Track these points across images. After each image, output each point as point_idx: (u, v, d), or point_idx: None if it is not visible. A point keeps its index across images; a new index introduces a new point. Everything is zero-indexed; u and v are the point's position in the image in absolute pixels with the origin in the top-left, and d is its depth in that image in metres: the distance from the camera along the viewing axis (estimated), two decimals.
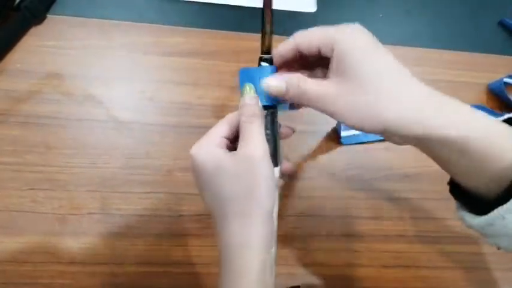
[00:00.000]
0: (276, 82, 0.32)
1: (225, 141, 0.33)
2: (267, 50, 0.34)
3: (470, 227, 0.29)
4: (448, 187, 0.32)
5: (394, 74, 0.28)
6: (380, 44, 0.29)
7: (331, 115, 0.29)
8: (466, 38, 0.24)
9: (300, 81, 0.30)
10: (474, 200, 0.29)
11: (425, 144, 0.28)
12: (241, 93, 0.33)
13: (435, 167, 0.30)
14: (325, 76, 0.31)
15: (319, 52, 0.30)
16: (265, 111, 0.33)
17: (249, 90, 0.33)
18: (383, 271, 0.50)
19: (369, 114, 0.27)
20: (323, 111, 0.30)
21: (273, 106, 0.34)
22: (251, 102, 0.32)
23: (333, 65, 0.29)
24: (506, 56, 0.60)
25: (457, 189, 0.31)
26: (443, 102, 0.27)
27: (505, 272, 0.52)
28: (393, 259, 0.50)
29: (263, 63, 0.34)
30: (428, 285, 0.50)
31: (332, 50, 0.29)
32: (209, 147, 0.31)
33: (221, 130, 0.33)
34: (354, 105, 0.28)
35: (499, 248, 0.29)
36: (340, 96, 0.28)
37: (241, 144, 0.31)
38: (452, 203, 0.31)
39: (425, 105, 0.27)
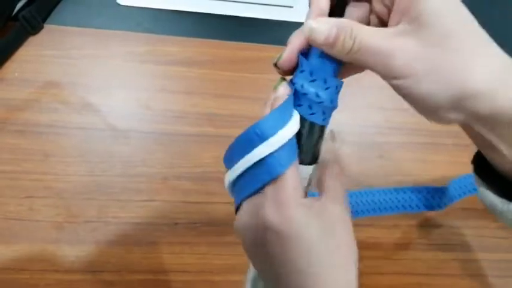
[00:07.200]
0: (323, 24, 0.23)
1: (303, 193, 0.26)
2: None
3: (502, 212, 0.25)
4: None
5: (479, 32, 0.22)
6: None
7: (394, 76, 0.22)
8: None
9: (354, 26, 0.23)
10: (504, 184, 0.25)
11: (493, 121, 0.22)
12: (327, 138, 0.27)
13: (431, 175, 0.29)
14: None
15: None
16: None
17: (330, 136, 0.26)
18: (379, 278, 0.50)
19: (450, 76, 0.21)
20: (382, 69, 0.22)
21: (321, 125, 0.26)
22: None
23: (399, 4, 0.22)
24: None
25: (483, 171, 0.27)
26: None
27: (501, 279, 0.52)
28: (389, 266, 0.50)
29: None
30: None
31: None
32: (299, 212, 0.24)
33: (296, 179, 0.25)
34: (431, 63, 0.21)
35: None
36: (412, 49, 0.21)
37: (327, 198, 0.26)
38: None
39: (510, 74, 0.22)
